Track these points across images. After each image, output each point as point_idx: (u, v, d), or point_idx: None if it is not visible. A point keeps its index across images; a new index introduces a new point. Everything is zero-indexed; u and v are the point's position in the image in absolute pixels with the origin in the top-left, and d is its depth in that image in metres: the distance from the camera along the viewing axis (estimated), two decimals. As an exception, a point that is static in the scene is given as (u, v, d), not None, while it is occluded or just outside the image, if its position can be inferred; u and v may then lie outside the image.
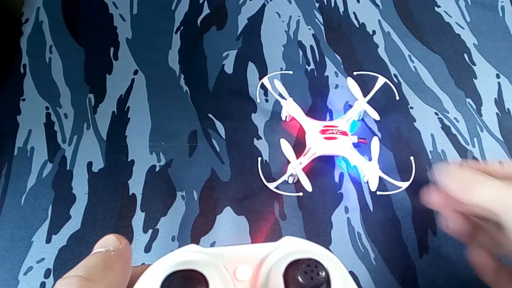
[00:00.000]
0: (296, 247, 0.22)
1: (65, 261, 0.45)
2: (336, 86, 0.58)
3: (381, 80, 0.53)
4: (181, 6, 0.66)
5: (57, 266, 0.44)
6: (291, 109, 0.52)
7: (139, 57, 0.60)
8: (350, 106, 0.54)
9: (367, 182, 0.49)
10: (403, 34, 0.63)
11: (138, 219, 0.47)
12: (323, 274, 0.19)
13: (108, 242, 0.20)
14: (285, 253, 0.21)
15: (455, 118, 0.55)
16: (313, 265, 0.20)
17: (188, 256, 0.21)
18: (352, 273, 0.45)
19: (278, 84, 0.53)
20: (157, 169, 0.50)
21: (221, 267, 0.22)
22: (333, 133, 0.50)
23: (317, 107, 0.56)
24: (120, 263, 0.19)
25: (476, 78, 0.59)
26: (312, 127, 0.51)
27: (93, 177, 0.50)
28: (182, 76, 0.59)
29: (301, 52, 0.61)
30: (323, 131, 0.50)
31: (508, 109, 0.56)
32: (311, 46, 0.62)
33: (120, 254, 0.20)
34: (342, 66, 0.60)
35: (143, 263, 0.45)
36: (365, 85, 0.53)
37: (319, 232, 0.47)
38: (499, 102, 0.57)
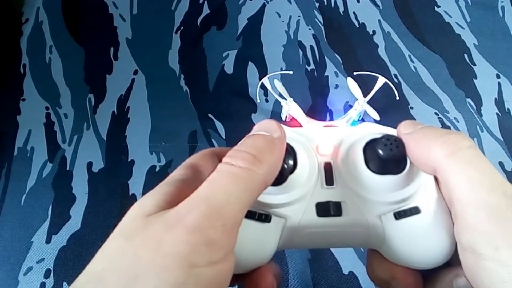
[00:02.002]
0: (375, 129, 0.23)
1: (65, 261, 0.45)
2: (336, 86, 0.58)
3: (381, 80, 0.53)
4: (181, 6, 0.66)
5: (57, 266, 0.44)
6: (291, 109, 0.52)
7: (139, 57, 0.60)
8: (350, 106, 0.54)
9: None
10: (403, 34, 0.63)
11: (138, 219, 0.47)
12: (402, 148, 0.21)
13: (271, 128, 0.21)
14: (366, 132, 0.23)
15: (455, 118, 0.55)
16: (392, 139, 0.21)
17: None
18: (352, 273, 0.45)
19: (278, 84, 0.53)
20: (157, 169, 0.50)
21: (305, 142, 0.24)
22: (333, 133, 0.50)
23: (317, 107, 0.56)
24: (279, 150, 0.20)
25: (476, 78, 0.59)
26: (312, 127, 0.51)
27: (93, 177, 0.50)
28: (182, 76, 0.59)
29: (301, 52, 0.61)
30: (323, 131, 0.50)
31: (508, 109, 0.56)
32: (311, 46, 0.62)
33: (281, 141, 0.21)
34: (342, 66, 0.60)
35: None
36: (365, 85, 0.53)
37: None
38: (499, 102, 0.57)
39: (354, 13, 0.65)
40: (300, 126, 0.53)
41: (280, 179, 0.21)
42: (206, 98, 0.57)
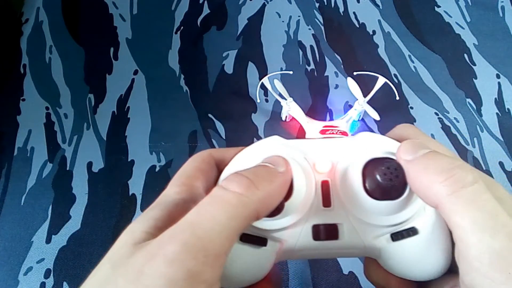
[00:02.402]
0: (376, 144, 0.22)
1: (65, 261, 0.45)
2: (336, 86, 0.58)
3: (381, 80, 0.53)
4: (181, 6, 0.66)
5: (57, 266, 0.44)
6: (291, 109, 0.52)
7: (139, 57, 0.60)
8: (350, 106, 0.54)
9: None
10: (403, 34, 0.63)
11: (138, 219, 0.47)
12: (402, 177, 0.20)
13: (277, 162, 0.21)
14: (366, 149, 0.22)
15: (455, 118, 0.55)
16: (393, 168, 0.20)
17: (272, 147, 0.23)
18: (352, 273, 0.45)
19: (278, 84, 0.53)
20: (157, 169, 0.50)
21: (302, 158, 0.23)
22: (333, 133, 0.50)
23: (317, 107, 0.56)
24: (280, 184, 0.20)
25: (476, 78, 0.59)
26: (312, 127, 0.51)
27: (93, 177, 0.50)
28: (182, 76, 0.59)
29: (301, 52, 0.61)
30: (323, 131, 0.50)
31: (508, 109, 0.56)
32: (311, 46, 0.62)
33: (284, 176, 0.20)
34: (342, 66, 0.60)
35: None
36: (365, 85, 0.53)
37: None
38: (499, 102, 0.57)
39: (354, 13, 0.65)
40: (300, 126, 0.53)
41: (276, 211, 0.20)
42: (206, 98, 0.57)
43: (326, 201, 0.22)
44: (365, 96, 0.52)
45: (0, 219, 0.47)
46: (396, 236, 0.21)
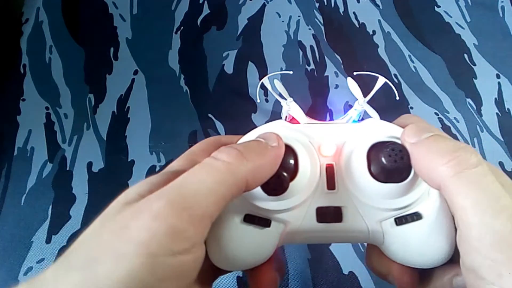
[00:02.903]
0: (381, 129, 0.22)
1: (65, 261, 0.45)
2: (336, 86, 0.58)
3: (381, 80, 0.52)
4: (181, 6, 0.66)
5: (57, 266, 0.44)
6: (291, 109, 0.52)
7: (139, 57, 0.60)
8: (350, 106, 0.54)
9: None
10: (403, 34, 0.63)
11: (138, 219, 0.47)
12: (407, 159, 0.20)
13: (270, 137, 0.21)
14: (371, 133, 0.22)
15: (455, 118, 0.55)
16: (397, 149, 0.20)
17: (276, 130, 0.23)
18: (352, 273, 0.45)
19: (278, 84, 0.53)
20: (157, 169, 0.50)
21: (307, 142, 0.23)
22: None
23: (317, 107, 0.56)
24: (270, 157, 0.20)
25: (476, 78, 0.59)
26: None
27: (93, 177, 0.50)
28: (182, 76, 0.59)
29: (301, 52, 0.61)
30: (323, 131, 0.50)
31: (508, 109, 0.56)
32: (311, 46, 0.62)
33: (275, 151, 0.21)
34: (342, 66, 0.60)
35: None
36: (365, 85, 0.53)
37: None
38: (499, 102, 0.57)
39: (354, 13, 0.65)
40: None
41: (281, 189, 0.21)
42: (206, 98, 0.57)
43: (331, 183, 0.22)
44: (365, 96, 0.52)
45: (0, 219, 0.47)
46: (400, 220, 0.21)
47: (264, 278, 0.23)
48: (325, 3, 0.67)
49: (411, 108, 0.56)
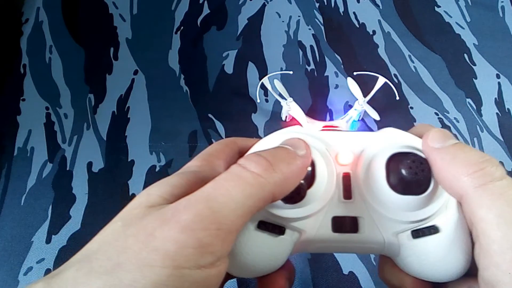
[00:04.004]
0: (401, 139, 0.22)
1: (65, 261, 0.44)
2: (336, 86, 0.58)
3: (381, 80, 0.53)
4: (181, 6, 0.66)
5: (57, 266, 0.44)
6: (291, 109, 0.52)
7: (139, 57, 0.60)
8: (350, 106, 0.54)
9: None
10: (403, 34, 0.63)
11: (138, 219, 0.47)
12: (427, 172, 0.20)
13: (297, 144, 0.20)
14: (390, 143, 0.22)
15: (455, 118, 0.55)
16: (418, 161, 0.20)
17: (294, 136, 0.22)
18: (352, 273, 0.45)
19: (278, 84, 0.53)
20: (157, 169, 0.50)
21: (324, 150, 0.22)
22: (333, 133, 0.50)
23: (317, 107, 0.56)
24: (299, 167, 0.20)
25: (476, 78, 0.59)
26: (312, 127, 0.51)
27: (93, 177, 0.50)
28: (182, 76, 0.59)
29: (301, 52, 0.61)
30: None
31: (508, 109, 0.56)
32: (311, 46, 0.62)
33: (303, 160, 0.20)
34: (342, 66, 0.60)
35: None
36: (365, 85, 0.53)
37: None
38: (499, 102, 0.57)
39: (354, 13, 0.65)
40: (300, 125, 0.53)
41: (298, 197, 0.20)
42: (206, 98, 0.57)
43: (347, 193, 0.22)
44: (365, 96, 0.52)
45: (0, 219, 0.47)
46: (417, 233, 0.21)
47: (274, 287, 0.22)
48: (325, 3, 0.67)
49: (411, 108, 0.56)
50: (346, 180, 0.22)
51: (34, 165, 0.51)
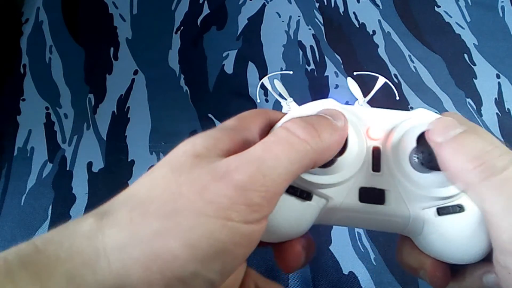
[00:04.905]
0: (431, 118, 0.22)
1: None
2: (336, 86, 0.58)
3: (381, 80, 0.53)
4: (181, 6, 0.66)
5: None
6: (291, 109, 0.52)
7: (139, 57, 0.60)
8: (350, 106, 0.54)
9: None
10: (403, 34, 0.63)
11: (138, 219, 0.47)
12: None
13: (336, 115, 0.21)
14: (422, 122, 0.22)
15: (455, 118, 0.55)
16: None
17: (328, 107, 0.23)
18: (352, 273, 0.45)
19: (278, 84, 0.53)
20: (157, 169, 0.50)
21: (356, 122, 0.23)
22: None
23: (317, 107, 0.56)
24: (339, 138, 0.20)
25: (476, 78, 0.59)
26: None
27: (93, 177, 0.50)
28: (182, 76, 0.59)
29: (301, 52, 0.61)
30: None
31: (508, 109, 0.56)
32: (311, 46, 0.62)
33: (342, 131, 0.21)
34: (342, 66, 0.60)
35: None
36: (365, 85, 0.53)
37: (319, 232, 0.47)
38: (499, 102, 0.57)
39: (354, 13, 0.65)
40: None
41: (329, 161, 0.21)
42: (206, 98, 0.57)
43: (376, 165, 0.22)
44: (365, 96, 0.52)
45: (0, 219, 0.47)
46: (442, 211, 0.21)
47: (290, 251, 0.23)
48: (325, 3, 0.67)
49: (411, 108, 0.56)
50: (376, 153, 0.23)
51: (34, 165, 0.51)
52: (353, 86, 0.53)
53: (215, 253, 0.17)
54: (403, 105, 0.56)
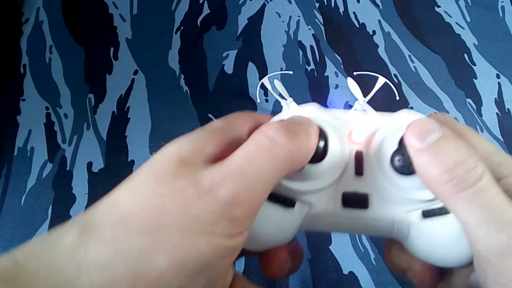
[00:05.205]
0: (413, 119, 0.22)
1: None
2: (336, 86, 0.58)
3: (381, 80, 0.52)
4: (181, 6, 0.66)
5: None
6: (291, 109, 0.52)
7: (139, 57, 0.60)
8: (350, 106, 0.54)
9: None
10: (403, 34, 0.63)
11: (138, 219, 0.47)
12: None
13: (306, 122, 0.21)
14: (403, 123, 0.21)
15: (455, 118, 0.55)
16: None
17: (309, 112, 0.23)
18: (352, 273, 0.45)
19: (278, 84, 0.53)
20: (157, 169, 0.50)
21: (339, 126, 0.23)
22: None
23: (317, 107, 0.56)
24: (313, 142, 0.21)
25: (476, 78, 0.59)
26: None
27: (93, 177, 0.50)
28: (182, 76, 0.59)
29: (301, 52, 0.61)
30: (323, 131, 0.50)
31: (508, 109, 0.56)
32: (311, 46, 0.62)
33: (315, 135, 0.21)
34: (342, 66, 0.60)
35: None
36: (365, 85, 0.53)
37: (319, 232, 0.47)
38: (499, 102, 0.57)
39: (354, 13, 0.65)
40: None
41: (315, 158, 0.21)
42: (206, 98, 0.57)
43: (359, 169, 0.22)
44: (365, 96, 0.52)
45: (0, 219, 0.47)
46: (428, 213, 0.21)
47: (274, 259, 0.23)
48: (325, 3, 0.67)
49: (411, 108, 0.56)
50: (358, 156, 0.22)
51: (34, 165, 0.51)
52: (353, 86, 0.53)
53: (200, 267, 0.17)
54: (403, 105, 0.56)
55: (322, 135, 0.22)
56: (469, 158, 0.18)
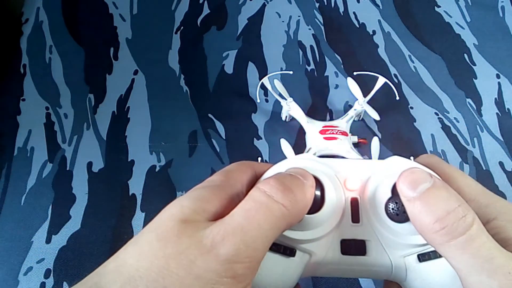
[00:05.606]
0: (405, 167, 0.23)
1: (65, 261, 0.45)
2: (336, 86, 0.58)
3: (381, 80, 0.53)
4: (181, 6, 0.66)
5: (57, 266, 0.44)
6: (291, 109, 0.52)
7: (139, 57, 0.60)
8: (350, 106, 0.54)
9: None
10: (403, 34, 0.63)
11: (138, 219, 0.47)
12: None
13: (304, 174, 0.22)
14: (395, 170, 0.22)
15: (455, 118, 0.55)
16: None
17: (305, 163, 0.24)
18: (352, 273, 0.45)
19: (278, 84, 0.53)
20: (157, 169, 0.50)
21: (333, 175, 0.24)
22: (333, 133, 0.50)
23: (317, 107, 0.56)
24: (309, 197, 0.21)
25: (476, 78, 0.59)
26: (312, 127, 0.51)
27: (93, 177, 0.50)
28: (182, 76, 0.59)
29: (301, 52, 0.61)
30: (323, 131, 0.50)
31: (508, 109, 0.56)
32: (311, 46, 0.62)
33: (312, 190, 0.22)
34: (342, 66, 0.60)
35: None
36: (365, 85, 0.53)
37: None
38: (499, 102, 0.57)
39: (354, 13, 0.65)
40: (300, 126, 0.53)
41: (310, 213, 0.21)
42: (206, 98, 0.57)
43: (355, 217, 0.23)
44: (365, 96, 0.52)
45: (0, 219, 0.47)
46: (423, 257, 0.22)
47: None
48: (325, 3, 0.67)
49: (411, 108, 0.56)
50: (354, 204, 0.23)
51: (34, 165, 0.51)
52: (353, 86, 0.53)
53: None
54: (403, 105, 0.56)
55: (319, 185, 0.22)
56: (458, 207, 0.19)
